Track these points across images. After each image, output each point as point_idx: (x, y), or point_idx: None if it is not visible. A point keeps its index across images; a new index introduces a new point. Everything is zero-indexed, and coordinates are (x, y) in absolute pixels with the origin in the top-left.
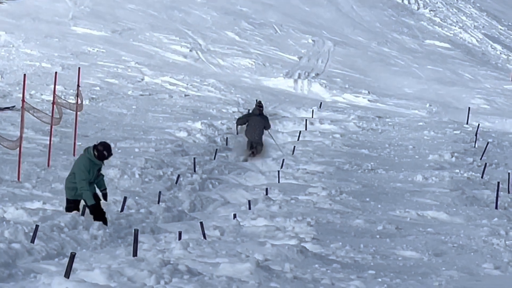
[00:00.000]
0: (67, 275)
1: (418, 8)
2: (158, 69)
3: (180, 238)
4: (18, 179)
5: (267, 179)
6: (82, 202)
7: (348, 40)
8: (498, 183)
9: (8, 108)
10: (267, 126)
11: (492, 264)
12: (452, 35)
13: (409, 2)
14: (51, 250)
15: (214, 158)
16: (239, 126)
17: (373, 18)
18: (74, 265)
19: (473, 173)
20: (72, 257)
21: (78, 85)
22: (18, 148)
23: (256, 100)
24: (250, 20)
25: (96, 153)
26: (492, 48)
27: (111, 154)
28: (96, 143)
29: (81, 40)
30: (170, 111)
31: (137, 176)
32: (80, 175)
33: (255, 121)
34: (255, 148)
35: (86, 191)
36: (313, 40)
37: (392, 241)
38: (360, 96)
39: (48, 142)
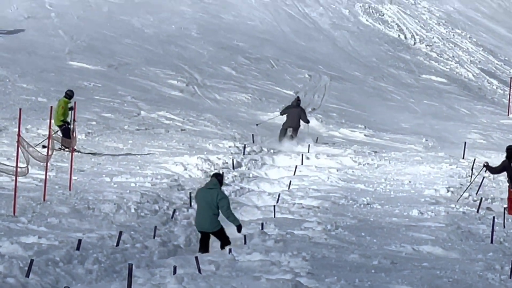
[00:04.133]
0: None
1: (415, 43)
2: (154, 103)
3: (175, 273)
4: (14, 213)
5: (263, 214)
6: None
7: (344, 75)
8: (494, 217)
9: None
10: (303, 118)
11: None
12: (448, 69)
13: (405, 37)
14: (46, 284)
15: None
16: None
17: (370, 53)
18: None
19: (469, 208)
20: None
21: (74, 120)
22: (14, 182)
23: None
24: (247, 54)
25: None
26: (489, 83)
27: None
28: (215, 173)
29: (77, 74)
30: (166, 145)
31: (133, 210)
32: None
33: (293, 112)
34: (293, 132)
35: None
36: (309, 75)
37: (388, 275)
38: (356, 130)
39: (44, 177)
